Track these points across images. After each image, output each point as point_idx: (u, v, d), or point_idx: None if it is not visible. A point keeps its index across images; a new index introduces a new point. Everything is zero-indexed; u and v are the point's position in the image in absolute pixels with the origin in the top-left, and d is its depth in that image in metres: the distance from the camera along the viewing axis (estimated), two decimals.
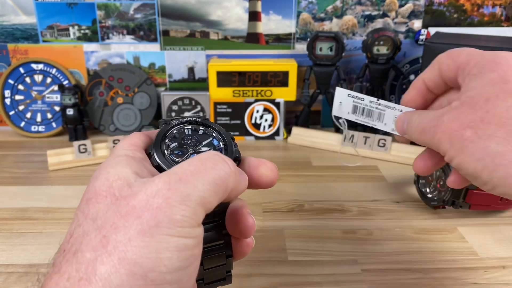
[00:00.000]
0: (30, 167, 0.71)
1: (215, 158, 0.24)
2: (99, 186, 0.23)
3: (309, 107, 0.85)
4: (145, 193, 0.22)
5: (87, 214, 0.23)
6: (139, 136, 0.29)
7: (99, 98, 0.85)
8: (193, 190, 0.22)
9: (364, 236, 0.51)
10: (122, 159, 0.25)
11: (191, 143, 0.30)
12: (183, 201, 0.21)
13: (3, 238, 0.51)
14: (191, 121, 0.31)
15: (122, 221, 0.21)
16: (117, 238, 0.21)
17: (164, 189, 0.22)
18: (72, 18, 0.83)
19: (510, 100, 0.26)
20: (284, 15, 0.84)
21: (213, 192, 0.23)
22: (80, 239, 0.22)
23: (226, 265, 0.29)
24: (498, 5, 0.84)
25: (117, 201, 0.22)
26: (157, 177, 0.23)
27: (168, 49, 0.86)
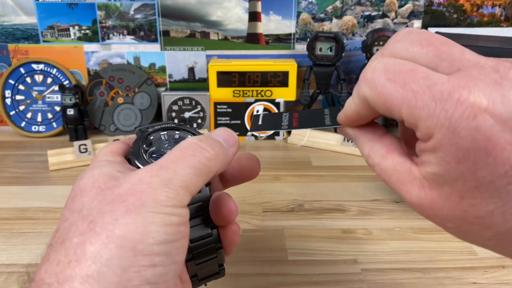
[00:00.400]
0: (31, 167, 0.71)
1: (194, 146, 0.25)
2: (84, 184, 0.25)
3: (309, 107, 0.85)
4: (129, 182, 0.23)
5: (73, 209, 0.24)
6: (118, 144, 0.30)
7: (99, 98, 0.85)
8: (174, 175, 0.23)
9: (364, 236, 0.51)
10: (104, 163, 0.27)
11: (168, 146, 0.31)
12: (165, 185, 0.23)
13: (4, 238, 0.51)
14: (166, 127, 0.32)
15: (108, 207, 0.22)
16: (104, 220, 0.22)
17: (146, 177, 0.23)
18: (73, 19, 0.84)
19: None
20: (284, 15, 0.84)
21: (195, 176, 0.24)
22: (67, 230, 0.23)
23: (218, 258, 0.30)
24: (498, 5, 0.84)
25: (102, 192, 0.23)
26: (141, 169, 0.24)
27: (169, 49, 0.86)
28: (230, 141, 0.28)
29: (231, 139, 0.28)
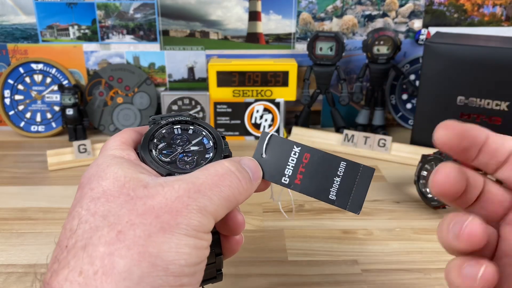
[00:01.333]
0: (30, 167, 0.71)
1: (232, 177, 0.25)
2: (107, 186, 0.23)
3: (309, 107, 0.85)
4: (164, 196, 0.23)
5: (95, 212, 0.23)
6: (130, 134, 0.29)
7: (99, 98, 0.85)
8: (210, 202, 0.24)
9: (364, 237, 0.51)
10: (122, 161, 0.25)
11: (180, 143, 0.30)
12: (200, 211, 0.23)
13: (3, 238, 0.51)
14: (181, 121, 0.31)
15: (140, 219, 0.22)
16: (135, 233, 0.21)
17: (184, 197, 0.23)
18: (72, 18, 0.83)
19: None
20: (284, 15, 0.84)
21: (225, 207, 0.25)
22: (89, 234, 0.22)
23: (216, 263, 0.29)
24: (499, 5, 0.84)
25: (131, 200, 0.23)
26: (176, 182, 0.24)
27: (168, 49, 0.86)
28: (256, 175, 0.28)
29: (256, 173, 0.28)
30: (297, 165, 0.28)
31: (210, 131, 0.30)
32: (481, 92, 0.66)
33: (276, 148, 0.29)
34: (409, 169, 0.69)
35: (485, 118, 0.67)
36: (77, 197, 0.24)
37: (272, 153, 0.29)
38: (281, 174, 0.29)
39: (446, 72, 0.68)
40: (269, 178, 0.29)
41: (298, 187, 0.28)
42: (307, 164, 0.28)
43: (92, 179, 0.24)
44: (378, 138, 0.75)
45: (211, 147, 0.30)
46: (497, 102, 0.65)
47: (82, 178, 0.26)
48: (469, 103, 0.68)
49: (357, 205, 0.27)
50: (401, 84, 0.87)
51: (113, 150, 0.27)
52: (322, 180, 0.28)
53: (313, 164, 0.28)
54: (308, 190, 0.28)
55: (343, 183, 0.27)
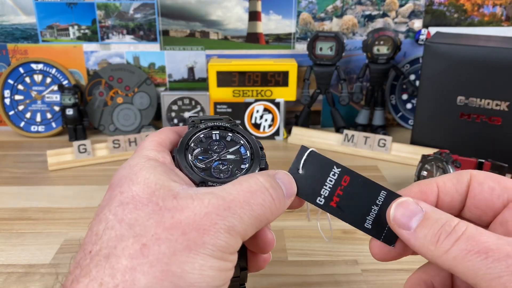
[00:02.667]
0: (30, 167, 0.71)
1: (265, 194, 0.24)
2: (137, 192, 0.23)
3: (309, 107, 0.85)
4: (193, 211, 0.22)
5: (122, 218, 0.22)
6: (168, 134, 0.28)
7: (99, 98, 0.85)
8: (240, 222, 0.22)
9: (364, 236, 0.51)
10: (156, 164, 0.25)
11: (217, 149, 0.29)
12: (228, 231, 0.22)
13: (3, 238, 0.51)
14: (220, 126, 0.30)
15: (166, 233, 0.21)
16: (160, 249, 0.21)
17: (213, 214, 0.22)
18: (72, 18, 0.83)
19: None
20: (284, 15, 0.84)
21: (255, 226, 0.23)
22: (113, 243, 0.21)
23: (240, 277, 0.28)
24: (499, 5, 0.84)
25: (160, 211, 0.22)
26: (205, 196, 0.22)
27: (168, 49, 0.86)
28: (290, 192, 0.26)
29: (291, 190, 0.26)
30: (335, 186, 0.27)
31: (249, 140, 0.30)
32: (481, 92, 0.66)
33: (315, 165, 0.28)
34: (409, 169, 0.69)
35: (485, 118, 0.67)
36: (106, 199, 0.24)
37: (310, 170, 0.28)
38: (317, 193, 0.27)
39: (446, 72, 0.68)
40: (304, 196, 0.28)
41: (334, 210, 0.27)
42: (345, 187, 0.27)
43: (123, 182, 0.24)
44: (378, 138, 0.75)
45: (247, 158, 0.29)
46: (497, 102, 0.65)
47: (113, 178, 0.25)
48: (469, 103, 0.68)
49: (392, 236, 0.25)
50: (401, 84, 0.87)
51: (148, 150, 0.26)
52: (360, 206, 0.26)
53: (353, 188, 0.27)
54: (344, 215, 0.27)
55: (380, 213, 0.26)
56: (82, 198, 0.60)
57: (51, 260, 0.47)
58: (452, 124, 0.70)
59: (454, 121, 0.69)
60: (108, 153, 0.73)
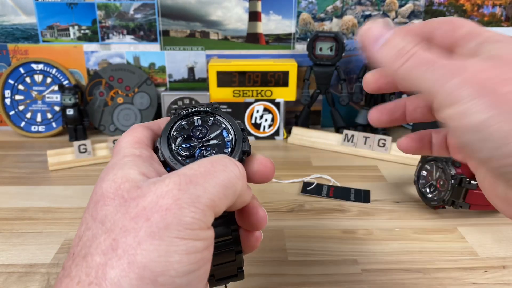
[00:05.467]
0: (30, 167, 0.71)
1: (225, 161, 0.24)
2: (106, 188, 0.23)
3: (309, 107, 0.85)
4: (155, 194, 0.21)
5: (96, 217, 0.22)
6: (142, 131, 0.28)
7: (99, 98, 0.85)
8: (203, 192, 0.22)
9: (364, 236, 0.51)
10: (128, 160, 0.25)
11: (200, 135, 0.29)
12: (192, 203, 0.21)
13: (3, 238, 0.51)
14: (201, 111, 0.30)
15: (132, 224, 0.21)
16: (126, 241, 0.20)
17: (174, 189, 0.21)
18: (72, 18, 0.83)
19: None
20: (284, 15, 0.84)
21: (223, 195, 0.23)
22: (89, 243, 0.21)
23: (236, 261, 0.28)
24: (498, 5, 0.84)
25: (126, 202, 0.22)
26: (167, 177, 0.22)
27: (168, 49, 0.86)
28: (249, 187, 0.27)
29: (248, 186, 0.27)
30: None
31: (231, 123, 0.29)
32: None
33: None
34: (409, 169, 0.69)
35: None
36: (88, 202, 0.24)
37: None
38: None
39: None
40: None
41: None
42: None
43: (97, 182, 0.24)
44: (378, 138, 0.75)
45: (230, 141, 0.29)
46: None
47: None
48: None
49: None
50: None
51: (125, 149, 0.26)
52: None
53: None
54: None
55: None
56: (82, 198, 0.60)
57: (52, 260, 0.47)
58: None
59: None
60: (109, 153, 0.73)
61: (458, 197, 0.52)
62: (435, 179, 0.56)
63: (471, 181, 0.51)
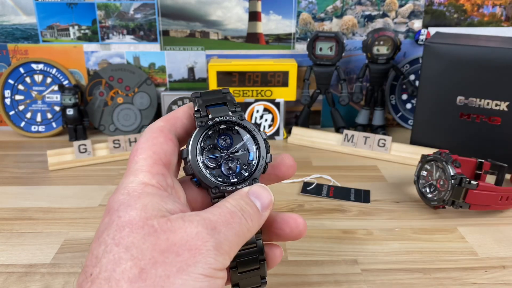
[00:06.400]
0: (30, 167, 0.71)
1: (239, 215, 0.26)
2: (134, 216, 0.24)
3: (309, 107, 0.85)
4: (185, 232, 0.24)
5: (119, 241, 0.23)
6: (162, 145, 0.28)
7: (99, 98, 0.85)
8: (225, 239, 0.25)
9: (364, 236, 0.51)
10: (153, 192, 0.26)
11: (225, 145, 0.30)
12: (216, 248, 0.24)
13: (3, 238, 0.51)
14: (227, 121, 0.30)
15: (162, 257, 0.23)
16: (156, 272, 0.22)
17: (203, 233, 0.24)
18: (72, 18, 0.83)
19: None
20: (284, 15, 0.84)
21: (236, 244, 0.26)
22: (112, 266, 0.22)
23: (260, 270, 0.30)
24: (498, 5, 0.84)
25: (155, 233, 0.23)
26: (194, 218, 0.25)
27: (168, 49, 0.86)
28: (265, 203, 0.28)
29: (266, 201, 0.28)
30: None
31: (254, 133, 0.30)
32: (481, 92, 0.66)
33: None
34: (409, 169, 0.69)
35: (484, 118, 0.67)
36: (105, 223, 0.25)
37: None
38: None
39: (446, 72, 0.68)
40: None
41: None
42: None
43: (121, 207, 0.25)
44: (378, 138, 0.75)
45: (253, 152, 0.30)
46: (496, 102, 0.66)
47: (112, 202, 0.26)
48: (469, 103, 0.68)
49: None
50: (401, 84, 0.87)
51: (143, 173, 0.27)
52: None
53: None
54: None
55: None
56: (82, 198, 0.60)
57: (51, 260, 0.47)
58: (452, 124, 0.70)
59: (454, 121, 0.69)
60: (108, 153, 0.73)
61: (458, 197, 0.52)
62: (435, 179, 0.56)
63: (471, 181, 0.51)
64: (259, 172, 0.30)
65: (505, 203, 0.55)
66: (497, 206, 0.55)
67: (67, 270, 0.45)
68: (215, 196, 0.29)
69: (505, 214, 0.56)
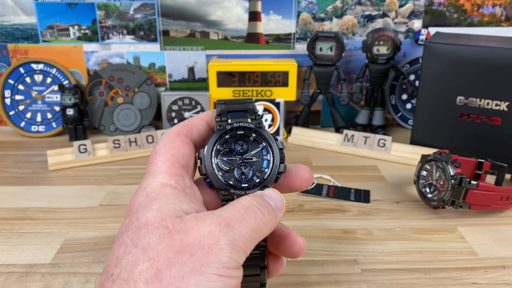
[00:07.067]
0: (30, 167, 0.71)
1: (255, 209, 0.26)
2: (150, 218, 0.25)
3: (309, 107, 0.85)
4: (198, 232, 0.24)
5: (137, 243, 0.24)
6: (180, 148, 0.29)
7: (99, 98, 0.85)
8: (239, 235, 0.24)
9: (364, 236, 0.51)
10: (170, 192, 0.27)
11: (241, 150, 0.31)
12: (230, 245, 0.24)
13: (3, 238, 0.51)
14: (245, 127, 0.31)
15: (176, 257, 0.23)
16: (171, 273, 0.23)
17: (215, 231, 0.24)
18: (72, 18, 0.83)
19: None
20: (284, 15, 0.84)
21: (253, 238, 0.25)
22: (130, 267, 0.23)
23: (260, 276, 0.30)
24: (498, 5, 0.84)
25: (170, 233, 0.24)
26: (208, 217, 0.25)
27: (168, 49, 0.86)
28: (279, 205, 0.28)
29: (279, 203, 0.28)
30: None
31: (270, 142, 0.31)
32: (481, 92, 0.66)
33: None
34: (409, 169, 0.69)
35: (484, 118, 0.67)
36: (125, 224, 0.26)
37: None
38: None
39: (446, 72, 0.68)
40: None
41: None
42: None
43: (140, 209, 0.26)
44: (378, 138, 0.75)
45: (268, 160, 0.31)
46: (496, 102, 0.66)
47: (131, 204, 0.27)
48: (469, 103, 0.68)
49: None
50: (400, 84, 0.87)
51: (162, 174, 0.28)
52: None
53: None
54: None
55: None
56: (82, 198, 0.60)
57: (52, 260, 0.47)
58: (452, 124, 0.70)
59: (454, 121, 0.69)
60: (109, 153, 0.73)
61: (458, 197, 0.52)
62: (435, 179, 0.56)
63: (471, 181, 0.51)
64: (270, 180, 0.30)
65: (505, 203, 0.55)
66: (497, 206, 0.55)
67: (67, 270, 0.45)
68: (224, 198, 0.29)
69: (505, 214, 0.56)
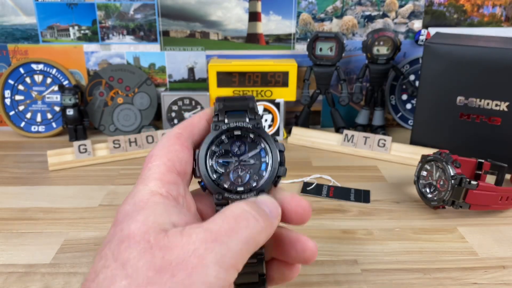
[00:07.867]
0: (30, 167, 0.71)
1: (247, 216, 0.24)
2: (133, 230, 0.23)
3: (309, 107, 0.85)
4: (182, 249, 0.22)
5: (117, 257, 0.22)
6: (177, 153, 0.27)
7: (99, 98, 0.85)
8: (227, 250, 0.22)
9: (364, 237, 0.51)
10: (159, 201, 0.25)
11: (238, 151, 0.29)
12: (217, 263, 0.22)
13: (3, 238, 0.51)
14: (242, 127, 0.29)
15: (156, 277, 0.21)
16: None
17: (200, 249, 0.22)
18: (72, 19, 0.83)
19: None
20: (284, 15, 0.84)
21: (245, 251, 0.23)
22: (107, 283, 0.21)
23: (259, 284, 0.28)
24: (498, 5, 0.84)
25: (151, 249, 0.22)
26: (194, 231, 0.22)
27: (168, 49, 0.86)
28: (274, 212, 0.26)
29: (274, 210, 0.26)
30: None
31: (269, 144, 0.29)
32: (481, 92, 0.66)
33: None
34: (409, 169, 0.69)
35: (484, 119, 0.67)
36: (110, 234, 0.24)
37: None
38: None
39: (446, 73, 0.68)
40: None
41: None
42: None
43: (125, 219, 0.24)
44: (378, 138, 0.75)
45: (266, 163, 0.29)
46: (496, 102, 0.66)
47: (118, 213, 0.25)
48: (469, 103, 0.68)
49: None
50: (400, 84, 0.87)
51: (153, 181, 0.26)
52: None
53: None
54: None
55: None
56: (82, 198, 0.60)
57: (52, 260, 0.47)
58: (452, 124, 0.70)
59: (454, 121, 0.69)
60: (108, 153, 0.73)
61: (458, 197, 0.52)
62: (435, 179, 0.56)
63: (471, 181, 0.51)
64: (267, 184, 0.28)
65: (505, 203, 0.55)
66: (497, 206, 0.55)
67: (67, 270, 0.45)
68: (218, 203, 0.28)
69: (505, 214, 0.56)
